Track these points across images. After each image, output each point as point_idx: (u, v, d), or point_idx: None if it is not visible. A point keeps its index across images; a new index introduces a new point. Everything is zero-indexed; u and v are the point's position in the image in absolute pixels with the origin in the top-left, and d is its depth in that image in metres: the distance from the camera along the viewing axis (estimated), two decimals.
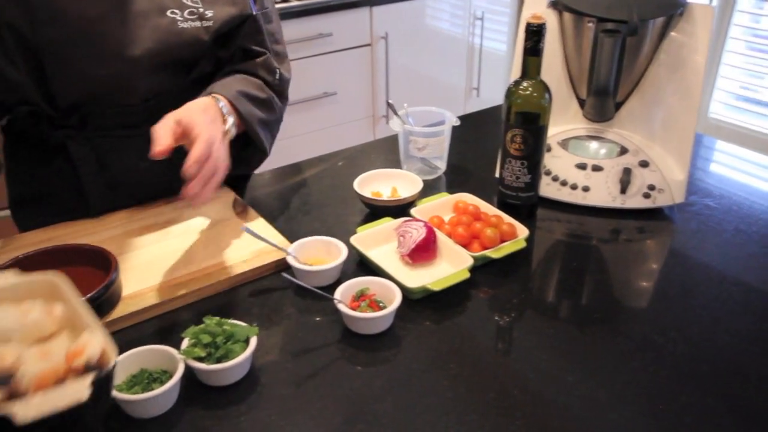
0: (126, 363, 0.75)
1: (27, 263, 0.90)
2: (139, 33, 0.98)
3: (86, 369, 0.60)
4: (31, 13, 0.90)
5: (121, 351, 0.83)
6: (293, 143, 2.63)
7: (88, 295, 0.81)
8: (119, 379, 0.74)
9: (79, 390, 0.56)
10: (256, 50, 1.11)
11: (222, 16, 1.04)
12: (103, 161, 1.05)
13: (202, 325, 0.78)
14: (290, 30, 2.48)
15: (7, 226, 1.21)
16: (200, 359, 0.74)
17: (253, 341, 0.77)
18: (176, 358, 0.75)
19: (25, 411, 0.54)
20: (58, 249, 0.92)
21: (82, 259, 0.90)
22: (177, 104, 1.08)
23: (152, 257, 0.97)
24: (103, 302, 0.84)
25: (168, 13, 1.01)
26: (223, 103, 0.99)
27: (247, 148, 1.10)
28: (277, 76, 1.14)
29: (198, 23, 1.02)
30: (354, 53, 2.72)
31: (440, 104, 1.29)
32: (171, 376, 0.73)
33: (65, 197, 1.05)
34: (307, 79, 2.62)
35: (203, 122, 0.88)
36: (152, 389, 0.72)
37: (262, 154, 1.13)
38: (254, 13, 1.08)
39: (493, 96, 3.37)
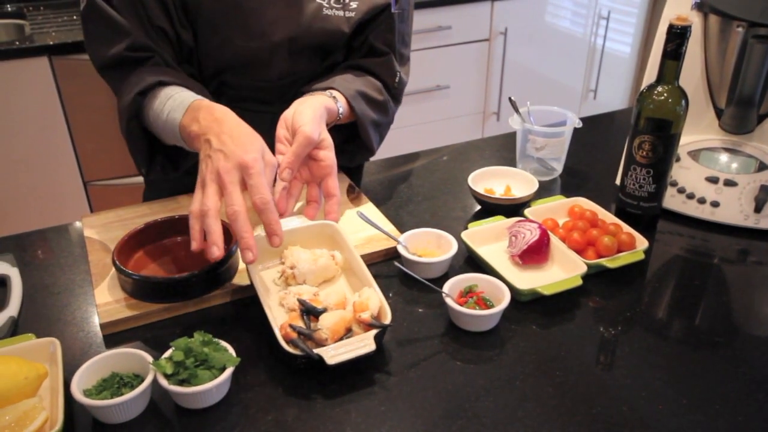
0: (98, 365, 0.73)
1: (154, 230, 0.96)
2: (287, 14, 1.03)
3: (370, 324, 0.77)
4: None
5: (249, 322, 0.87)
6: (401, 134, 2.65)
7: (209, 266, 0.85)
8: (89, 383, 0.72)
9: (368, 343, 0.75)
10: (382, 49, 1.13)
11: (364, 8, 1.07)
12: None
13: (191, 339, 0.74)
14: None
15: (139, 191, 1.30)
16: (166, 375, 0.71)
17: (228, 371, 0.72)
18: (148, 366, 0.72)
19: (331, 356, 0.73)
20: (183, 217, 0.97)
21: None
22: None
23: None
24: (222, 272, 0.88)
25: None
26: (341, 103, 1.01)
27: (352, 141, 1.12)
28: (397, 79, 1.15)
29: (341, 13, 1.06)
30: (471, 47, 2.70)
31: (554, 104, 1.25)
32: (142, 381, 0.71)
33: (194, 168, 1.10)
34: (421, 71, 2.63)
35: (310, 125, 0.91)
36: (122, 394, 0.70)
37: (368, 153, 1.15)
38: (393, 11, 1.09)
39: (610, 100, 3.24)
